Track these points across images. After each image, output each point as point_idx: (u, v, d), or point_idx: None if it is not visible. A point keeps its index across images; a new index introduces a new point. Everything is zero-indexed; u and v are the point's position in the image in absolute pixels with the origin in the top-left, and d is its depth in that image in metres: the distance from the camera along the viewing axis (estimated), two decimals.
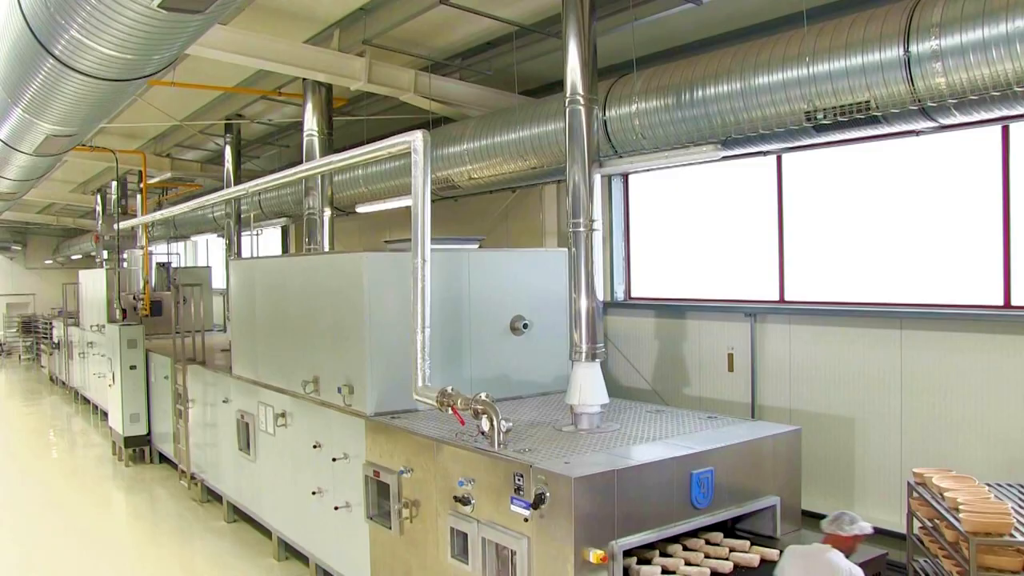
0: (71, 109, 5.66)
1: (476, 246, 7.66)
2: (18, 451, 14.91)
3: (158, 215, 13.17)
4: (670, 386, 8.41)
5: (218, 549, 9.17)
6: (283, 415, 8.19)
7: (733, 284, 8.17)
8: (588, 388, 5.89)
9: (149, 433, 13.26)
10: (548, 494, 4.87)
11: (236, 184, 13.09)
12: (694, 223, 8.65)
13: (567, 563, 4.78)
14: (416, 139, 6.33)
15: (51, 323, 23.65)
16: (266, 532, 9.18)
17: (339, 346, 7.14)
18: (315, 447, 7.50)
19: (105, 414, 15.72)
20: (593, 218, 5.99)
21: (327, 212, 9.65)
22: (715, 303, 8.19)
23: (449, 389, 5.92)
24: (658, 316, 8.72)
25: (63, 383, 22.24)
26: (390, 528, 6.40)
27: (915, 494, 5.18)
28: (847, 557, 4.66)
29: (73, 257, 27.82)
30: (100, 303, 15.42)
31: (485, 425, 5.49)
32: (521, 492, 5.07)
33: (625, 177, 9.25)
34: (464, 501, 5.53)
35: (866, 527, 4.69)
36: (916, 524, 5.27)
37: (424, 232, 6.20)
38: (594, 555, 4.76)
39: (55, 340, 22.18)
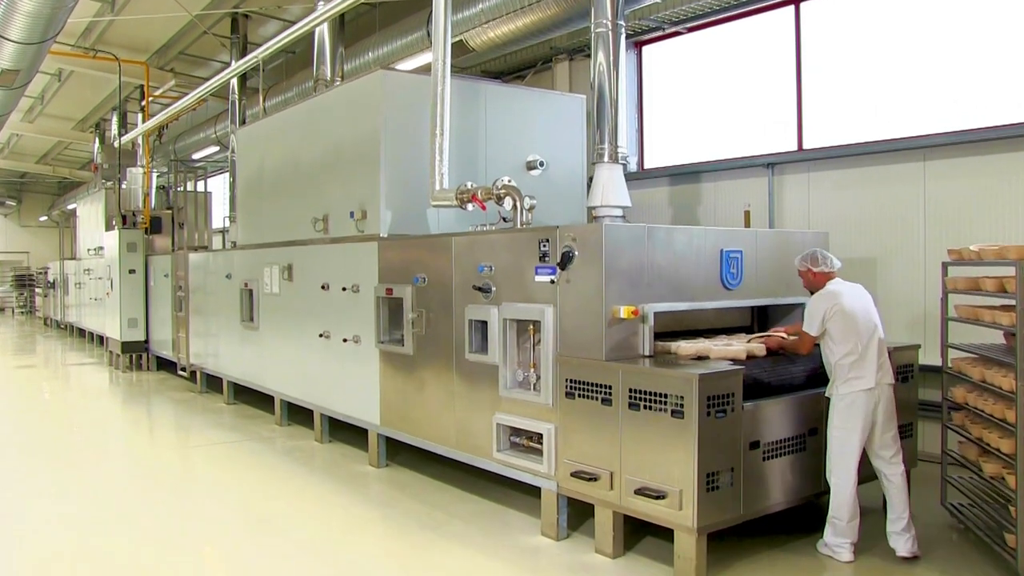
0: None
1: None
2: (13, 373, 14.64)
3: (162, 115, 12.94)
4: None
5: (218, 422, 8.98)
6: (288, 268, 8.02)
7: (750, 142, 8.03)
8: (611, 189, 5.69)
9: (147, 341, 13.05)
10: (575, 252, 4.72)
11: (240, 96, 12.85)
12: (709, 86, 8.52)
13: (597, 319, 4.61)
14: None
15: (46, 267, 23.44)
16: (267, 408, 9.00)
17: (351, 177, 6.97)
18: (323, 288, 7.34)
19: (101, 339, 15.51)
20: (619, 22, 5.85)
21: (337, 84, 9.45)
22: (731, 160, 8.05)
23: (468, 184, 5.78)
24: (672, 183, 8.58)
25: (57, 323, 22.02)
26: (402, 346, 6.25)
27: (949, 273, 5.04)
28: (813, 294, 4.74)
29: (69, 207, 27.54)
30: (98, 225, 15.21)
31: (508, 205, 5.35)
32: (547, 259, 4.92)
33: (638, 48, 9.11)
34: (484, 289, 5.38)
35: (837, 264, 4.78)
36: (951, 307, 5.12)
37: (446, 33, 6.07)
38: (625, 310, 4.60)
39: (50, 280, 21.96)
